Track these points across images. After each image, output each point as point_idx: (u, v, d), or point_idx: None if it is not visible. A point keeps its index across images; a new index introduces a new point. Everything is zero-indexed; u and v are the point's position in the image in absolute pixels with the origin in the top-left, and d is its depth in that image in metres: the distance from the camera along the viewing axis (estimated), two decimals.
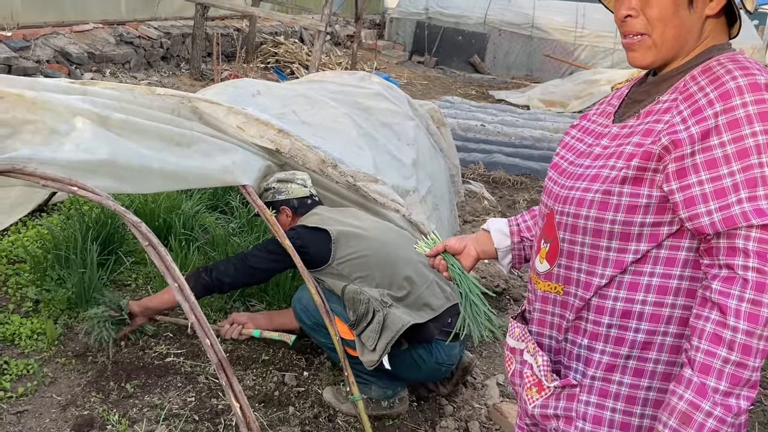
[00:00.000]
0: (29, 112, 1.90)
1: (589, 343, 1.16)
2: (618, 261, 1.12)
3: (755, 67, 1.06)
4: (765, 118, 1.01)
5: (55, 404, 2.12)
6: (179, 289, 1.68)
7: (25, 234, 3.11)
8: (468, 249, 1.40)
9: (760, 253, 1.00)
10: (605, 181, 1.11)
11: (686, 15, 1.10)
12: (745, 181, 1.01)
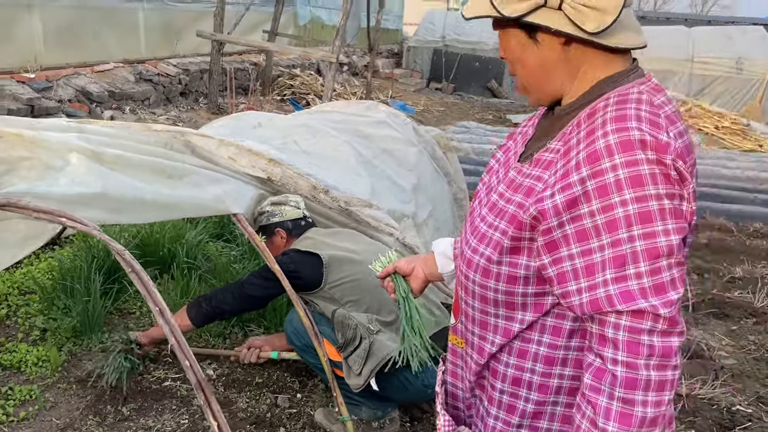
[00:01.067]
0: (26, 150, 2.03)
1: (488, 406, 1.12)
2: (506, 329, 1.05)
3: (638, 114, 0.93)
4: (636, 182, 0.89)
5: (54, 427, 2.21)
6: (160, 313, 1.76)
7: (37, 266, 3.24)
8: (416, 271, 1.36)
9: (630, 344, 0.89)
10: (488, 244, 1.03)
11: (536, 53, 1.01)
12: (612, 259, 0.90)
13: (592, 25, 0.94)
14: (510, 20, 0.99)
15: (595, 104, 0.99)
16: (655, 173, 0.90)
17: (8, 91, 5.70)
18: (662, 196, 0.90)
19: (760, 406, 2.89)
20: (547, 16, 0.96)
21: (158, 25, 8.27)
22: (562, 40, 0.99)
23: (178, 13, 8.58)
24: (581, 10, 0.94)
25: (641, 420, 0.89)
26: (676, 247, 0.90)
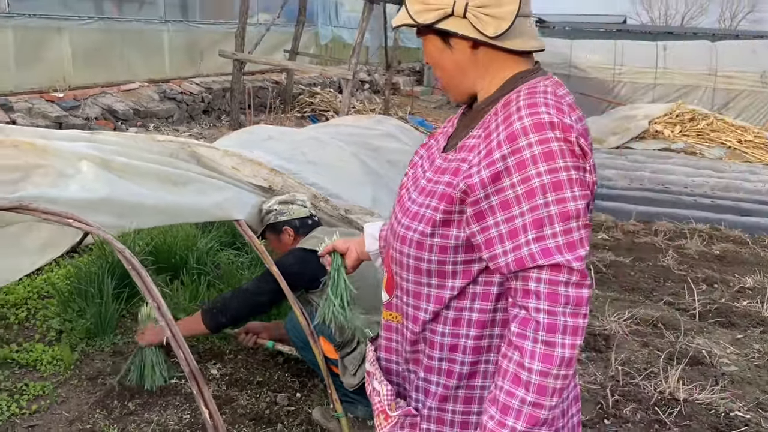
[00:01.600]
0: (40, 158, 2.18)
1: (425, 375, 1.21)
2: (438, 297, 1.16)
3: (545, 101, 1.08)
4: (548, 157, 1.03)
5: (63, 420, 2.34)
6: (157, 308, 1.88)
7: (56, 272, 3.41)
8: (350, 250, 1.52)
9: (550, 294, 1.03)
10: (421, 221, 1.15)
11: (451, 56, 1.16)
12: (532, 222, 1.04)
13: (491, 30, 1.10)
14: (424, 27, 1.14)
15: (508, 96, 1.13)
16: (563, 149, 1.04)
17: (38, 110, 5.98)
18: (570, 168, 1.04)
19: (760, 411, 2.89)
20: (455, 23, 1.12)
21: (182, 45, 8.56)
22: (470, 44, 1.14)
23: (201, 34, 8.88)
24: (481, 18, 1.09)
25: (560, 359, 1.03)
26: (582, 211, 1.04)
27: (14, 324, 2.98)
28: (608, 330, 3.65)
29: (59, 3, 7.15)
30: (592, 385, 3.08)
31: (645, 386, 3.05)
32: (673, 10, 38.41)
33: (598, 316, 3.84)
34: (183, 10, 9.12)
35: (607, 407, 2.89)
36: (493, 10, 1.09)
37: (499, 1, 1.09)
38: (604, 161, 8.96)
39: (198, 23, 9.12)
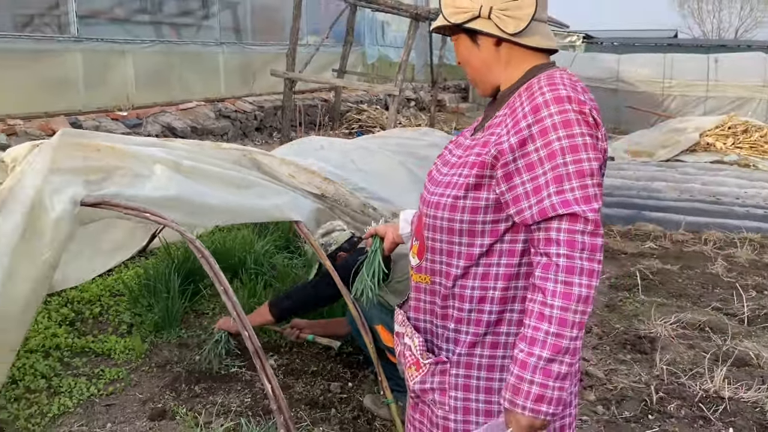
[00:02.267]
0: (119, 160, 2.42)
1: (456, 326, 1.38)
2: (468, 254, 1.34)
3: (562, 82, 1.26)
4: (567, 125, 1.22)
5: (137, 400, 2.55)
6: (224, 291, 2.07)
7: (126, 273, 3.67)
8: (387, 234, 1.73)
9: (569, 241, 1.19)
10: (454, 187, 1.33)
11: (478, 54, 1.37)
12: (553, 179, 1.21)
13: (511, 29, 1.32)
14: (457, 26, 1.36)
15: (530, 81, 1.32)
16: (579, 119, 1.23)
17: (104, 128, 6.37)
18: (585, 134, 1.22)
19: None
20: (481, 23, 1.33)
21: (236, 66, 8.95)
22: (494, 41, 1.35)
23: (254, 55, 9.27)
24: (503, 18, 1.31)
25: (578, 296, 1.19)
26: (596, 171, 1.22)
27: (89, 318, 3.24)
28: (654, 333, 3.68)
29: (123, 27, 7.61)
30: (637, 384, 3.13)
31: (690, 385, 3.08)
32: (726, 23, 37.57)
33: (644, 320, 3.88)
34: (237, 33, 9.55)
35: (651, 404, 2.94)
36: (513, 12, 1.31)
37: (518, 5, 1.31)
38: (654, 174, 8.89)
39: (251, 45, 9.52)
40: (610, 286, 4.58)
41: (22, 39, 6.45)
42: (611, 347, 3.57)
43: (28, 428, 2.33)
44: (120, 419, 2.44)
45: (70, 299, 3.34)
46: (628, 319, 3.95)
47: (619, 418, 2.86)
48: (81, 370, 2.76)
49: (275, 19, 10.34)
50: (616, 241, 5.66)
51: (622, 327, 3.82)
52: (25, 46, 6.39)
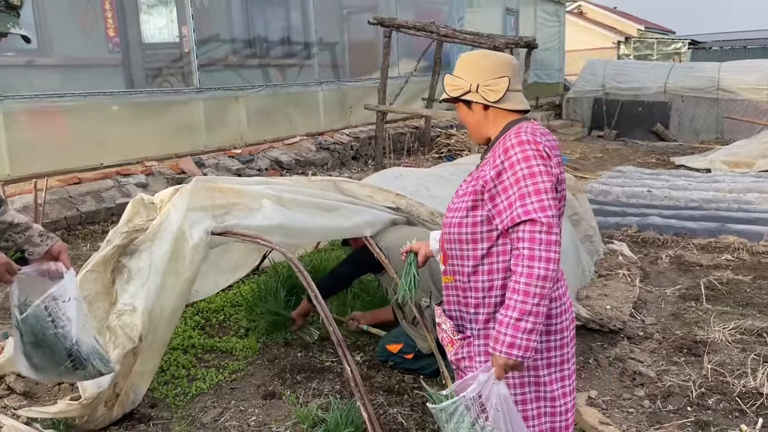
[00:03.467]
0: (237, 198, 3.15)
1: (474, 310, 1.96)
2: (474, 256, 1.93)
3: (525, 131, 1.86)
4: (526, 159, 1.81)
5: (253, 385, 3.26)
6: (315, 297, 2.72)
7: (243, 287, 4.46)
8: (421, 250, 2.30)
9: (530, 238, 1.76)
10: (460, 210, 1.94)
11: (473, 116, 2.00)
12: (518, 196, 1.79)
13: (492, 98, 1.94)
14: (456, 99, 1.97)
15: (505, 134, 1.93)
16: (535, 154, 1.80)
17: (222, 164, 7.38)
18: (540, 164, 1.78)
19: None
20: (473, 95, 1.97)
21: (334, 102, 9.85)
22: (482, 107, 1.97)
23: (350, 90, 10.13)
24: (487, 92, 1.90)
25: (537, 276, 1.74)
26: (549, 189, 1.76)
27: (216, 324, 4.02)
28: (711, 338, 3.96)
29: (237, 76, 8.69)
30: (685, 382, 3.46)
31: (733, 383, 3.38)
32: None
33: (704, 326, 4.15)
34: (335, 71, 10.48)
35: (692, 398, 3.28)
36: (493, 88, 1.91)
37: (496, 83, 1.91)
38: (748, 185, 8.78)
39: (347, 82, 10.41)
40: (679, 296, 4.84)
41: (156, 93, 7.63)
42: (667, 351, 3.89)
43: (174, 404, 3.09)
44: (240, 398, 3.15)
45: (201, 309, 4.15)
46: (688, 325, 4.24)
47: (663, 410, 3.22)
48: (211, 363, 3.52)
49: (369, 55, 11.20)
50: (693, 254, 5.85)
51: (681, 333, 4.12)
52: (158, 99, 7.56)
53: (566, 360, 2.03)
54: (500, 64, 1.95)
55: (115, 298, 3.03)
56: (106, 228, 5.61)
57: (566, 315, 1.99)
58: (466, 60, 2.01)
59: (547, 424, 2.04)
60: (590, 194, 8.94)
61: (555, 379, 2.01)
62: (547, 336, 1.96)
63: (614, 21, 30.86)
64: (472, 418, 1.86)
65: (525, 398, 1.99)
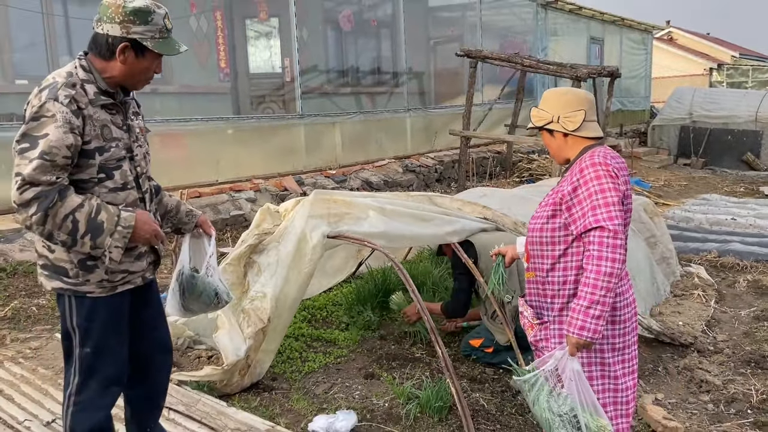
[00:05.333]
0: (347, 208, 3.74)
1: (551, 300, 2.41)
2: (552, 255, 2.36)
3: (597, 154, 2.27)
4: (598, 177, 2.21)
5: (355, 368, 3.82)
6: (412, 291, 3.25)
7: (343, 289, 5.06)
8: (508, 252, 2.77)
9: (599, 242, 2.15)
10: (542, 218, 2.39)
11: (555, 142, 2.43)
12: (590, 208, 2.19)
13: (571, 128, 2.38)
14: (540, 128, 2.43)
15: (582, 157, 2.34)
16: (605, 173, 2.22)
17: (320, 183, 8.10)
18: (609, 182, 2.20)
19: None
20: (554, 125, 2.41)
21: (420, 127, 10.47)
22: (562, 134, 2.39)
23: (435, 117, 10.73)
24: (566, 122, 2.35)
25: (604, 272, 2.14)
26: (616, 201, 2.18)
27: (320, 319, 4.63)
28: None
29: (332, 103, 9.48)
30: (748, 390, 3.74)
31: None
32: None
33: None
34: (422, 98, 11.13)
35: (753, 402, 3.56)
36: (571, 119, 2.36)
37: (574, 114, 2.35)
38: None
39: (433, 109, 11.03)
40: (753, 317, 5.04)
41: (263, 119, 8.50)
42: (735, 364, 4.16)
43: (292, 378, 3.69)
44: (345, 377, 3.72)
45: (308, 306, 4.77)
46: (759, 343, 4.47)
47: (725, 413, 3.53)
48: (318, 349, 4.11)
49: (454, 82, 11.78)
50: None
51: (750, 348, 4.36)
52: (265, 124, 8.43)
53: (627, 346, 2.45)
54: (578, 100, 2.38)
55: (247, 287, 3.68)
56: (222, 236, 6.39)
57: (629, 308, 2.41)
58: (549, 95, 2.45)
59: (610, 398, 2.46)
60: (672, 221, 9.07)
61: (617, 361, 2.43)
62: (612, 325, 2.39)
63: (706, 47, 30.11)
64: (551, 386, 2.31)
65: (591, 375, 2.41)
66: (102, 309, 2.18)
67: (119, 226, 2.07)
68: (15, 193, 1.95)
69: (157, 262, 2.38)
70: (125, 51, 2.11)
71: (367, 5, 11.64)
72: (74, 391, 2.19)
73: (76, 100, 2.04)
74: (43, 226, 1.97)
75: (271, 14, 10.17)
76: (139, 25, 2.10)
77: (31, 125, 1.99)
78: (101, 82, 2.13)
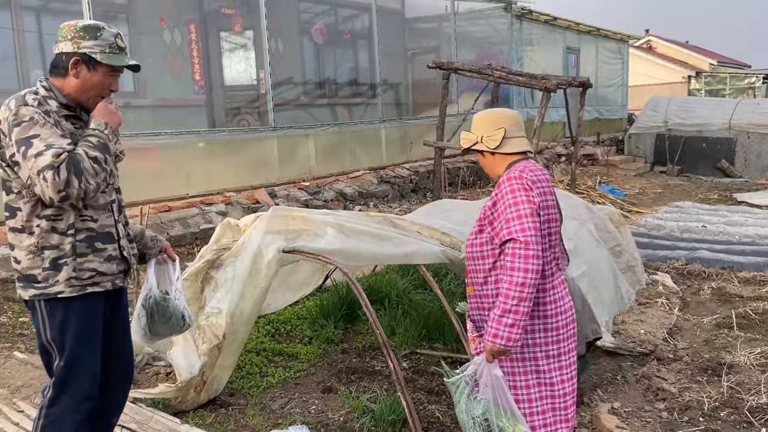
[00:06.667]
0: (306, 225, 3.76)
1: (488, 313, 2.45)
2: (484, 269, 2.43)
3: (516, 168, 2.39)
4: (512, 191, 2.32)
5: (313, 382, 3.84)
6: (365, 305, 3.28)
7: (307, 303, 5.07)
8: None
9: (512, 253, 2.26)
10: (473, 233, 2.50)
11: (484, 159, 2.55)
12: (505, 221, 2.31)
13: (492, 146, 2.48)
14: (468, 149, 2.52)
15: (506, 172, 2.41)
16: (519, 186, 2.32)
17: (293, 196, 8.12)
18: (522, 195, 2.29)
19: None
20: (479, 145, 2.52)
21: (395, 138, 10.52)
22: (490, 153, 2.48)
23: (410, 128, 10.80)
24: (488, 141, 2.44)
25: (515, 282, 2.25)
26: (530, 212, 2.27)
27: (284, 333, 4.64)
28: (736, 362, 4.26)
29: (307, 115, 9.51)
30: (703, 398, 3.79)
31: (747, 399, 3.70)
32: None
33: (731, 351, 4.45)
34: (398, 109, 11.19)
35: (704, 411, 3.62)
36: (493, 137, 2.46)
37: (494, 134, 2.45)
38: None
39: (409, 120, 11.10)
40: (714, 325, 5.12)
41: (236, 131, 8.51)
42: (693, 371, 4.22)
43: (249, 393, 3.70)
44: (303, 392, 3.73)
45: (271, 320, 4.78)
46: (717, 350, 4.54)
47: (678, 421, 3.58)
48: (279, 364, 4.12)
49: (431, 93, 11.86)
50: (735, 286, 6.08)
51: (708, 356, 4.43)
52: (237, 137, 8.44)
53: (564, 353, 2.50)
54: (497, 119, 2.51)
55: (203, 303, 3.69)
56: (191, 250, 6.38)
57: (563, 315, 2.47)
58: (475, 118, 2.58)
59: (548, 404, 2.51)
60: (643, 228, 9.19)
61: (554, 368, 2.48)
62: (545, 332, 2.45)
63: (685, 56, 30.56)
64: (470, 390, 2.38)
65: (528, 383, 2.47)
66: (74, 317, 2.23)
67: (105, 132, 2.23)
68: (50, 185, 2.04)
69: (127, 271, 2.43)
70: (77, 65, 2.23)
71: (341, 17, 11.71)
72: (47, 404, 2.25)
73: (42, 104, 2.18)
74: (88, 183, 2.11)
75: (245, 27, 10.19)
76: (88, 39, 2.22)
77: (16, 131, 2.10)
78: (61, 98, 2.25)
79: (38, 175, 2.04)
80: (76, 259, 2.21)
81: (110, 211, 2.35)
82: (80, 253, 2.22)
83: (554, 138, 14.89)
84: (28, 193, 2.17)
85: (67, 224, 2.21)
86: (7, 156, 2.16)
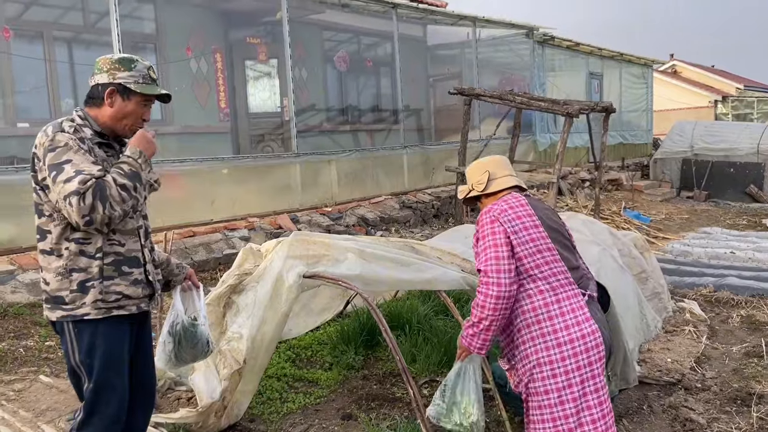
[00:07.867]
0: (326, 250, 3.79)
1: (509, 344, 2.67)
2: None
3: (493, 206, 2.61)
4: (482, 225, 2.58)
5: (334, 408, 3.82)
6: (385, 330, 3.27)
7: (328, 328, 5.07)
8: None
9: (482, 283, 2.51)
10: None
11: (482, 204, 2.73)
12: (479, 253, 2.56)
13: (480, 188, 2.76)
14: (465, 199, 2.73)
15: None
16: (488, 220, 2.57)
17: (315, 221, 8.17)
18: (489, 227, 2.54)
19: None
20: (473, 192, 2.72)
21: (417, 164, 10.56)
22: (483, 196, 2.66)
23: (432, 153, 10.84)
24: (477, 186, 2.67)
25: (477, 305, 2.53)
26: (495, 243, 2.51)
27: (305, 358, 4.64)
28: (766, 392, 4.15)
29: (330, 141, 9.61)
30: (731, 429, 3.70)
31: None
32: None
33: (761, 380, 4.34)
34: (419, 135, 11.26)
35: None
36: (479, 181, 2.72)
37: (479, 179, 2.70)
38: None
39: (430, 145, 11.15)
40: (744, 353, 5.00)
41: (260, 158, 8.64)
42: (722, 401, 4.12)
43: (269, 420, 3.70)
44: (323, 418, 3.72)
45: (292, 345, 4.79)
46: (747, 380, 4.43)
47: None
48: (299, 389, 4.11)
49: (453, 119, 11.90)
50: (765, 314, 5.93)
51: (738, 386, 4.32)
52: (261, 163, 8.56)
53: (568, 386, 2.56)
54: (483, 165, 2.78)
55: (225, 328, 3.71)
56: (215, 275, 6.44)
57: (564, 347, 2.54)
58: (467, 170, 2.85)
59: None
60: (670, 254, 9.05)
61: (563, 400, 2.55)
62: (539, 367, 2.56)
63: (711, 80, 30.29)
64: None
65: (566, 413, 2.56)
66: (101, 341, 2.29)
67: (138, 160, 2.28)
68: (75, 210, 2.10)
69: (152, 295, 2.49)
70: (112, 95, 2.34)
71: (364, 45, 11.88)
72: (77, 426, 2.32)
73: (78, 131, 2.27)
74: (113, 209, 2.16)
75: (270, 56, 10.41)
76: (123, 71, 2.35)
77: (50, 156, 2.19)
78: (96, 126, 2.36)
79: (65, 200, 2.11)
80: (103, 282, 2.28)
81: (137, 237, 2.42)
82: (107, 276, 2.29)
83: (577, 163, 14.79)
84: (58, 216, 2.25)
85: (96, 248, 2.28)
86: (39, 179, 2.25)
